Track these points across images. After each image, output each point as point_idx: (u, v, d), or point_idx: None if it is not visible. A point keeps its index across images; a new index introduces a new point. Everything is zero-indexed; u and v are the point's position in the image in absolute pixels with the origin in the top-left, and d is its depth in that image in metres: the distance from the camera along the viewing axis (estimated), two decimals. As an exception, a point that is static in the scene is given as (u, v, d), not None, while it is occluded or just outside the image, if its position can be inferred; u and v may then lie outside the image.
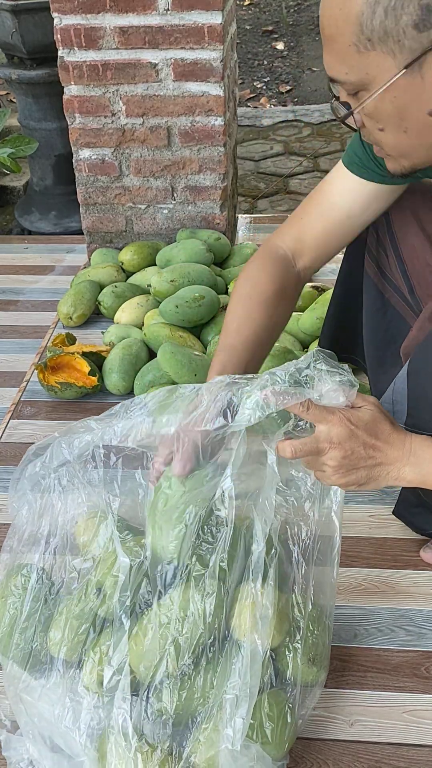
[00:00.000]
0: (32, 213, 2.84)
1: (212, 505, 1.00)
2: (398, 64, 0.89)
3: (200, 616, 0.97)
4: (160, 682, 0.97)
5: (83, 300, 2.06)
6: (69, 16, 2.02)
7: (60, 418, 1.79)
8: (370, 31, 0.88)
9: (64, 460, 1.05)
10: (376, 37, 0.88)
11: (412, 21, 0.85)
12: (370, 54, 0.89)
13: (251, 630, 0.98)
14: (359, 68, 0.91)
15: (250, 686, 0.95)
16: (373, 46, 0.89)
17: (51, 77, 2.50)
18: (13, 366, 1.98)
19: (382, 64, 0.90)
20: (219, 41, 1.99)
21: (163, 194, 2.25)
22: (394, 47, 0.88)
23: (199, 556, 1.01)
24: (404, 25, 0.86)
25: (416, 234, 1.26)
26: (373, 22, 0.87)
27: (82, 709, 0.98)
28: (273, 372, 0.97)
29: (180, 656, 0.97)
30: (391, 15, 0.86)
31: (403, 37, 0.87)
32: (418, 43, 0.87)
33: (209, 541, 1.01)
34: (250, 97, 4.17)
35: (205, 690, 0.98)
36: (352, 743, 1.13)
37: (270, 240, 1.28)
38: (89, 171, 2.24)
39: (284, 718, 1.01)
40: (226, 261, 2.23)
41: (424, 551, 1.39)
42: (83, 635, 1.01)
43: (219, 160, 2.17)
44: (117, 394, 1.83)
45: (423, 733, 1.14)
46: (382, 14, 0.86)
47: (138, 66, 2.06)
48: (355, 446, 0.96)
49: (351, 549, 1.42)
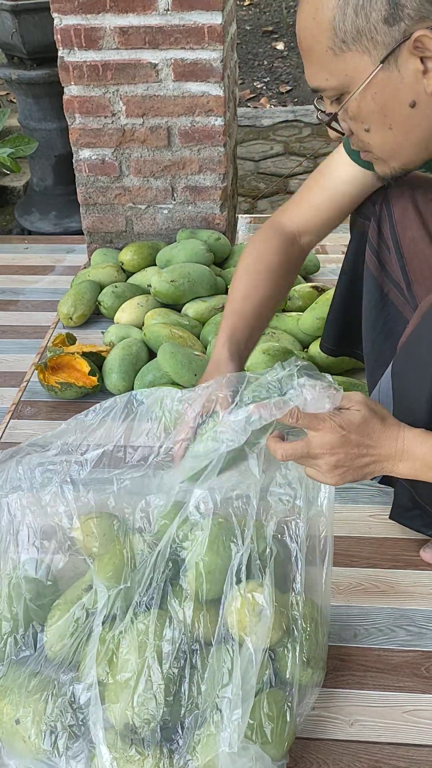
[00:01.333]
0: (32, 213, 2.84)
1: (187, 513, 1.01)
2: (374, 60, 0.92)
3: (180, 622, 0.98)
4: (145, 690, 0.97)
5: (83, 300, 2.06)
6: (69, 17, 2.02)
7: (60, 418, 1.79)
8: (344, 33, 0.91)
9: (18, 486, 1.05)
10: (349, 37, 0.92)
11: (382, 16, 0.89)
12: (347, 55, 0.93)
13: (244, 631, 0.98)
14: (338, 71, 0.95)
15: (246, 688, 0.94)
16: (348, 46, 0.92)
17: (51, 77, 2.50)
18: (13, 366, 1.98)
19: (359, 63, 0.93)
20: (219, 41, 1.99)
21: (163, 194, 2.25)
22: (368, 45, 0.91)
23: (174, 561, 1.01)
24: (374, 21, 0.90)
25: (418, 229, 1.26)
26: (345, 23, 0.91)
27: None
28: (259, 384, 0.97)
29: (161, 663, 0.97)
30: (361, 13, 0.90)
31: (376, 34, 0.90)
32: (390, 38, 0.90)
33: (183, 547, 1.01)
34: (250, 97, 4.17)
35: (191, 694, 0.97)
36: (352, 743, 1.13)
37: (274, 216, 1.32)
38: (89, 171, 2.24)
39: (283, 718, 1.01)
40: (226, 261, 2.23)
41: (424, 551, 1.39)
42: (76, 631, 1.02)
43: (219, 160, 2.17)
44: (117, 394, 1.82)
45: (423, 733, 1.14)
46: (353, 14, 0.90)
47: (138, 66, 2.06)
48: (348, 449, 0.96)
49: (351, 549, 1.42)
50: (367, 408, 0.98)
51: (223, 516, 1.02)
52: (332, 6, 0.91)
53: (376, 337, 1.36)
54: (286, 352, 1.76)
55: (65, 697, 0.98)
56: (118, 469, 1.06)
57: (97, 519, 1.05)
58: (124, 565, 1.03)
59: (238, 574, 0.98)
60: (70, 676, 1.00)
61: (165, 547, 0.99)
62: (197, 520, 1.01)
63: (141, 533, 1.05)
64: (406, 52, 0.91)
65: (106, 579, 1.01)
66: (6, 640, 1.05)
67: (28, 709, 0.99)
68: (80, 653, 1.01)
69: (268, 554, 1.01)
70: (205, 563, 1.00)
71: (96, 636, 0.99)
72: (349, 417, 0.96)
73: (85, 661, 0.99)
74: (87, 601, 1.03)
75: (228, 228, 2.32)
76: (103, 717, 0.95)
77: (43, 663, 1.03)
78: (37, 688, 1.00)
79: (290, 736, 1.02)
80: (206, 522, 1.01)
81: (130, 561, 1.03)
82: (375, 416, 0.98)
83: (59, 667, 1.01)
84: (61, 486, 1.04)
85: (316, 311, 1.85)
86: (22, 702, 0.99)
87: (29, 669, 1.03)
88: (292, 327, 1.90)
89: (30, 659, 1.04)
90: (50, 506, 1.05)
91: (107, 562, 1.04)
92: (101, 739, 0.95)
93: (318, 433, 0.95)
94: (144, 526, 1.05)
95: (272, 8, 5.16)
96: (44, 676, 1.01)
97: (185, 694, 0.97)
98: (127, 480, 1.05)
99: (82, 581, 1.06)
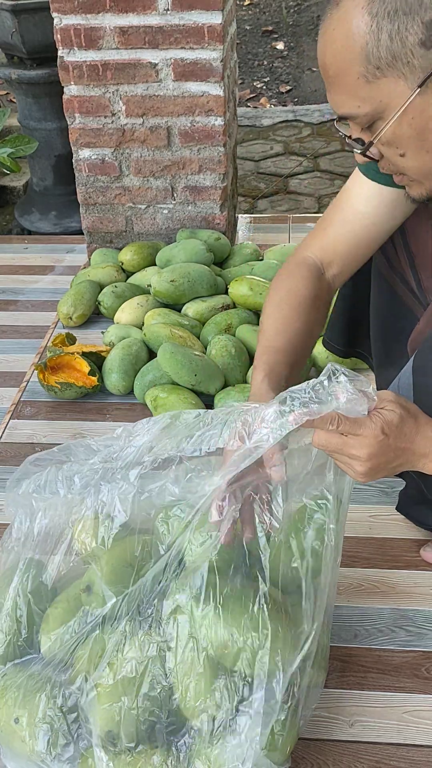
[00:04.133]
0: (32, 213, 2.84)
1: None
2: (411, 85, 0.89)
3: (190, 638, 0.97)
4: (151, 688, 0.96)
5: (83, 300, 2.06)
6: (69, 16, 2.02)
7: (60, 418, 1.79)
8: (378, 59, 0.88)
9: (56, 492, 1.05)
10: (384, 63, 0.88)
11: (419, 39, 0.86)
12: (381, 81, 0.90)
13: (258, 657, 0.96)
14: (371, 98, 0.91)
15: (264, 714, 0.93)
16: (383, 72, 0.89)
17: (51, 77, 2.50)
18: (13, 366, 1.98)
19: (394, 89, 0.90)
20: (219, 41, 1.99)
21: (163, 194, 2.24)
22: (404, 69, 0.88)
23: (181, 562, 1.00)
24: (411, 45, 0.86)
25: (427, 227, 1.24)
26: (379, 49, 0.87)
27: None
28: (291, 390, 0.94)
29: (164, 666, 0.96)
30: (397, 38, 0.87)
31: (412, 58, 0.87)
32: (427, 61, 0.87)
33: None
34: (250, 97, 4.17)
35: (197, 695, 0.97)
36: (352, 743, 1.13)
37: (297, 251, 1.26)
38: (89, 171, 2.24)
39: (291, 722, 1.00)
40: (226, 261, 2.23)
41: (425, 551, 1.39)
42: (73, 630, 1.02)
43: (219, 160, 2.17)
44: (117, 394, 1.83)
45: (423, 733, 1.14)
46: (387, 40, 0.87)
47: (138, 66, 2.06)
48: (386, 453, 0.94)
49: (351, 549, 1.41)
50: (401, 408, 0.95)
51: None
52: (364, 32, 0.88)
53: (387, 335, 1.35)
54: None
55: (58, 699, 0.97)
56: (141, 476, 1.05)
57: (109, 524, 1.05)
58: (133, 571, 1.02)
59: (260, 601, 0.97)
60: (64, 677, 1.00)
61: (176, 553, 0.99)
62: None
63: (159, 542, 1.04)
64: None
65: (112, 584, 1.01)
66: (10, 641, 1.05)
67: (24, 710, 0.99)
68: (75, 654, 1.01)
69: (306, 567, 0.99)
70: (219, 567, 0.99)
71: (92, 637, 0.99)
72: (388, 419, 0.93)
73: (80, 663, 0.99)
74: (85, 601, 1.03)
75: (228, 228, 2.32)
76: (93, 721, 0.95)
77: (44, 664, 1.03)
78: (36, 689, 1.00)
79: (293, 740, 1.02)
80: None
81: (138, 565, 1.02)
82: (409, 415, 0.96)
83: (55, 668, 1.01)
84: (90, 493, 1.04)
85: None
86: (20, 701, 0.99)
87: (31, 669, 1.02)
88: (292, 327, 1.90)
89: (34, 660, 1.04)
90: (75, 512, 1.05)
91: (113, 566, 1.03)
92: (96, 742, 0.95)
93: (358, 438, 0.93)
94: (163, 535, 1.04)
95: (272, 8, 5.16)
96: (42, 677, 1.01)
97: (190, 698, 0.97)
98: (153, 489, 1.04)
99: (80, 581, 1.06)
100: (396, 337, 1.32)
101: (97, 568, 1.02)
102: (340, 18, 0.90)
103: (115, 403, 1.83)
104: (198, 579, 0.96)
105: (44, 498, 1.06)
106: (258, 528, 0.98)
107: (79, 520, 1.06)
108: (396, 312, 1.32)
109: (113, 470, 1.03)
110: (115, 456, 1.04)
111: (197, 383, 1.73)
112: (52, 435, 1.74)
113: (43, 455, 1.10)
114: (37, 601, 1.06)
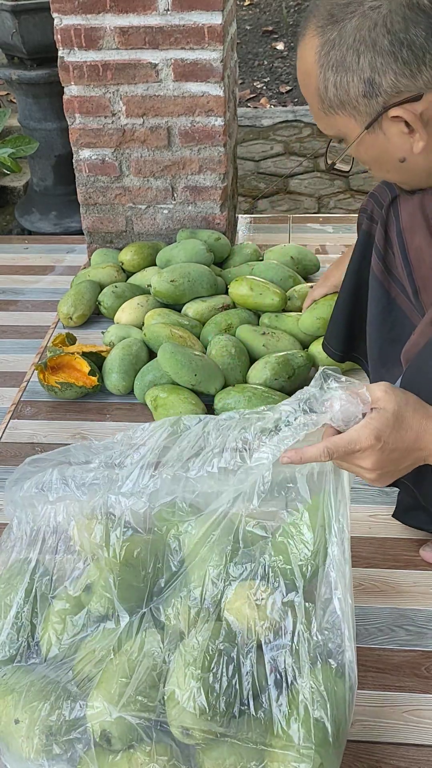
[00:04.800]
0: (32, 213, 2.84)
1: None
2: (360, 124, 0.99)
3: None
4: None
5: (83, 300, 2.06)
6: (69, 17, 2.02)
7: (60, 418, 1.79)
8: (329, 101, 0.99)
9: (63, 495, 1.05)
10: (335, 104, 0.99)
11: (360, 92, 0.95)
12: (336, 116, 1.00)
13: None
14: (332, 126, 1.03)
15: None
16: (335, 111, 0.99)
17: (51, 77, 2.51)
18: (13, 366, 1.98)
19: (347, 124, 1.00)
20: (219, 41, 1.99)
21: (163, 194, 2.25)
22: (352, 112, 0.98)
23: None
24: (354, 96, 0.96)
25: (424, 236, 1.24)
26: (328, 94, 0.98)
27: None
28: (284, 404, 0.94)
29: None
30: (341, 89, 0.96)
31: (357, 105, 0.97)
32: (371, 108, 0.96)
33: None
34: (250, 97, 4.17)
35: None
36: (352, 743, 1.13)
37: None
38: (89, 171, 2.24)
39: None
40: (226, 261, 2.23)
41: (424, 551, 1.39)
42: (72, 628, 1.02)
43: (219, 160, 2.17)
44: (117, 394, 1.83)
45: (423, 733, 1.14)
46: (333, 89, 0.97)
47: (138, 66, 2.06)
48: (390, 457, 0.94)
49: (351, 549, 1.40)
50: (395, 402, 0.93)
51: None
52: (315, 77, 0.98)
53: (383, 341, 1.35)
54: (285, 362, 1.76)
55: (58, 701, 0.97)
56: (153, 488, 1.05)
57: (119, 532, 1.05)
58: (145, 588, 1.02)
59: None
60: (64, 678, 1.00)
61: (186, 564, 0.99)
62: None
63: (171, 555, 1.05)
64: (388, 120, 0.96)
65: (125, 601, 1.01)
66: (14, 641, 1.05)
67: (25, 711, 0.98)
68: (76, 655, 1.01)
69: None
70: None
71: (91, 638, 0.99)
72: (381, 424, 0.91)
73: (80, 664, 0.99)
74: (85, 601, 1.03)
75: (228, 228, 2.32)
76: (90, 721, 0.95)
77: (45, 665, 1.03)
78: (37, 690, 1.00)
79: None
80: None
81: (150, 582, 1.02)
82: (406, 409, 0.94)
83: (56, 669, 1.01)
84: (99, 503, 1.04)
85: (316, 311, 1.85)
86: (21, 703, 0.99)
87: (33, 670, 1.02)
88: (292, 327, 1.90)
89: (36, 661, 1.04)
90: (77, 514, 1.05)
91: (125, 582, 1.03)
92: (93, 742, 0.95)
93: (356, 453, 0.92)
94: (175, 551, 1.05)
95: (272, 8, 5.16)
96: (44, 678, 1.01)
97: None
98: (163, 506, 1.04)
99: (79, 581, 1.06)
100: (392, 342, 1.33)
101: (110, 580, 1.01)
102: (302, 54, 1.00)
103: (115, 403, 1.83)
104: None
105: (45, 499, 1.06)
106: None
107: (80, 521, 1.06)
108: (392, 318, 1.33)
109: (118, 480, 1.03)
110: (118, 462, 1.04)
111: (197, 383, 1.73)
112: (52, 435, 1.74)
113: (42, 456, 1.10)
114: (39, 601, 1.06)
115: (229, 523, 1.00)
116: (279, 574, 0.98)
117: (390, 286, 1.32)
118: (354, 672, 0.96)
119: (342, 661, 0.95)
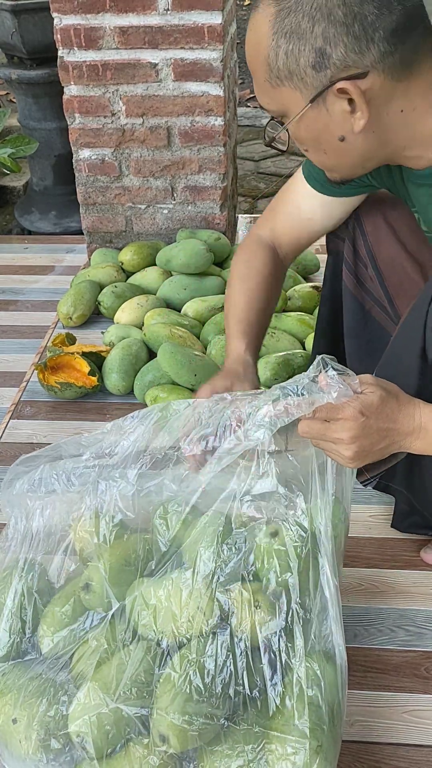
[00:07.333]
0: (32, 213, 2.84)
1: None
2: (305, 98, 0.98)
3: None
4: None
5: (83, 300, 2.06)
6: (69, 16, 2.02)
7: (60, 418, 1.79)
8: (278, 71, 0.97)
9: (53, 490, 1.05)
10: (282, 75, 0.97)
11: (310, 62, 0.94)
12: (282, 89, 0.99)
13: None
14: (275, 100, 1.01)
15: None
16: (282, 82, 0.98)
17: (51, 77, 2.50)
18: (13, 366, 1.98)
19: (292, 97, 0.99)
20: (219, 41, 1.99)
21: (163, 194, 2.25)
22: (299, 84, 0.97)
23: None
24: (303, 66, 0.95)
25: (392, 244, 1.28)
26: (278, 63, 0.96)
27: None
28: (283, 386, 0.97)
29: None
30: (292, 57, 0.95)
31: (305, 76, 0.96)
32: (318, 81, 0.95)
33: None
34: (250, 97, 4.17)
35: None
36: (352, 743, 1.13)
37: (253, 230, 1.38)
38: (89, 171, 2.24)
39: None
40: (226, 261, 2.23)
41: (424, 551, 1.40)
42: (70, 626, 1.02)
43: (219, 160, 2.17)
44: (117, 394, 1.83)
45: (423, 733, 1.14)
46: (284, 57, 0.96)
47: (138, 66, 2.06)
48: (371, 437, 0.97)
49: (351, 549, 1.41)
50: (381, 389, 0.98)
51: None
52: (266, 45, 0.96)
53: (362, 354, 1.37)
54: (285, 363, 1.76)
55: (56, 701, 0.97)
56: (139, 475, 1.05)
57: (109, 521, 1.05)
58: (135, 570, 1.02)
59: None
60: (63, 678, 1.00)
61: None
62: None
63: (159, 538, 1.05)
64: (333, 95, 0.95)
65: (115, 585, 1.01)
66: (12, 640, 1.05)
67: (23, 711, 0.98)
68: (74, 655, 1.01)
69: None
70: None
71: (92, 638, 0.99)
72: (369, 400, 0.96)
73: (79, 664, 0.99)
74: (84, 600, 1.03)
75: (228, 228, 2.32)
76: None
77: (44, 664, 1.03)
78: (35, 690, 0.99)
79: None
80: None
81: (140, 565, 1.02)
82: (390, 395, 0.98)
83: (54, 668, 1.01)
84: (89, 491, 1.04)
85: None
86: (19, 702, 0.99)
87: (31, 670, 1.02)
88: (292, 327, 1.90)
89: (34, 660, 1.04)
90: (74, 511, 1.05)
91: (115, 566, 1.03)
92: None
93: (339, 422, 0.96)
94: (162, 532, 1.05)
95: (272, 8, 5.16)
96: (42, 678, 1.01)
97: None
98: (150, 487, 1.04)
99: (79, 579, 1.05)
100: (370, 355, 1.34)
101: (101, 567, 1.02)
102: (254, 24, 0.99)
103: (115, 403, 1.83)
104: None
105: (40, 496, 1.06)
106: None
107: (79, 519, 1.06)
108: (369, 330, 1.35)
109: (109, 467, 1.03)
110: (108, 451, 1.04)
111: (197, 383, 1.73)
112: (52, 435, 1.74)
113: (33, 455, 1.10)
114: (38, 600, 1.06)
115: (222, 504, 1.01)
116: (273, 555, 0.98)
117: (363, 299, 1.34)
118: (343, 655, 0.97)
119: (331, 643, 0.96)
